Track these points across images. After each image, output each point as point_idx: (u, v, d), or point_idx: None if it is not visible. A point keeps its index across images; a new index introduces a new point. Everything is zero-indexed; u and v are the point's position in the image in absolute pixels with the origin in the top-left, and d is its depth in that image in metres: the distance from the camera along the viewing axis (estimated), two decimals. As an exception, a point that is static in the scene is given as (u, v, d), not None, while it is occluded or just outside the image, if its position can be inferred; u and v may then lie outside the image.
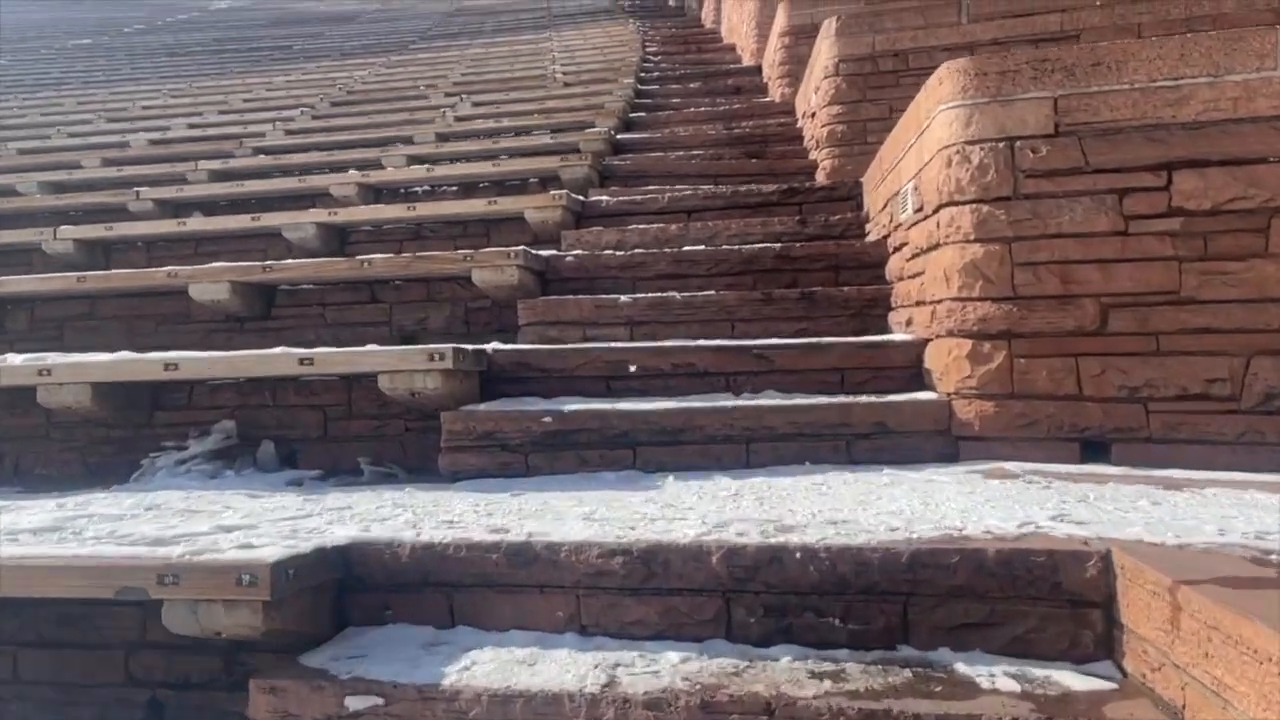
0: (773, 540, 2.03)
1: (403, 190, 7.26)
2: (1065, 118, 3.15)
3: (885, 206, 4.58)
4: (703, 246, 4.75)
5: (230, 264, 4.83)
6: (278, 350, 3.32)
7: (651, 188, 6.69)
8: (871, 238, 4.93)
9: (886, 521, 2.21)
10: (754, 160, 7.45)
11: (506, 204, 5.65)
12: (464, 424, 3.17)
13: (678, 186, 6.70)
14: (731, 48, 15.41)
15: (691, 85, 11.68)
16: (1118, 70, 3.11)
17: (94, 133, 12.17)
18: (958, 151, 3.28)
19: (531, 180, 7.13)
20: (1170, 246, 3.05)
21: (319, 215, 5.87)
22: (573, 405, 3.27)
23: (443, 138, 9.20)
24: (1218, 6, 5.89)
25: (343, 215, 5.86)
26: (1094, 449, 3.14)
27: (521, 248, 4.38)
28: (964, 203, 3.27)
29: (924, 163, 3.64)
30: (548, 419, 3.19)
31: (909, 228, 3.96)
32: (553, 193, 5.60)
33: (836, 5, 9.85)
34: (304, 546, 2.07)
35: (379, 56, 18.95)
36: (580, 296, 4.37)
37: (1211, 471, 2.92)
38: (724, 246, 4.99)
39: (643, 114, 9.80)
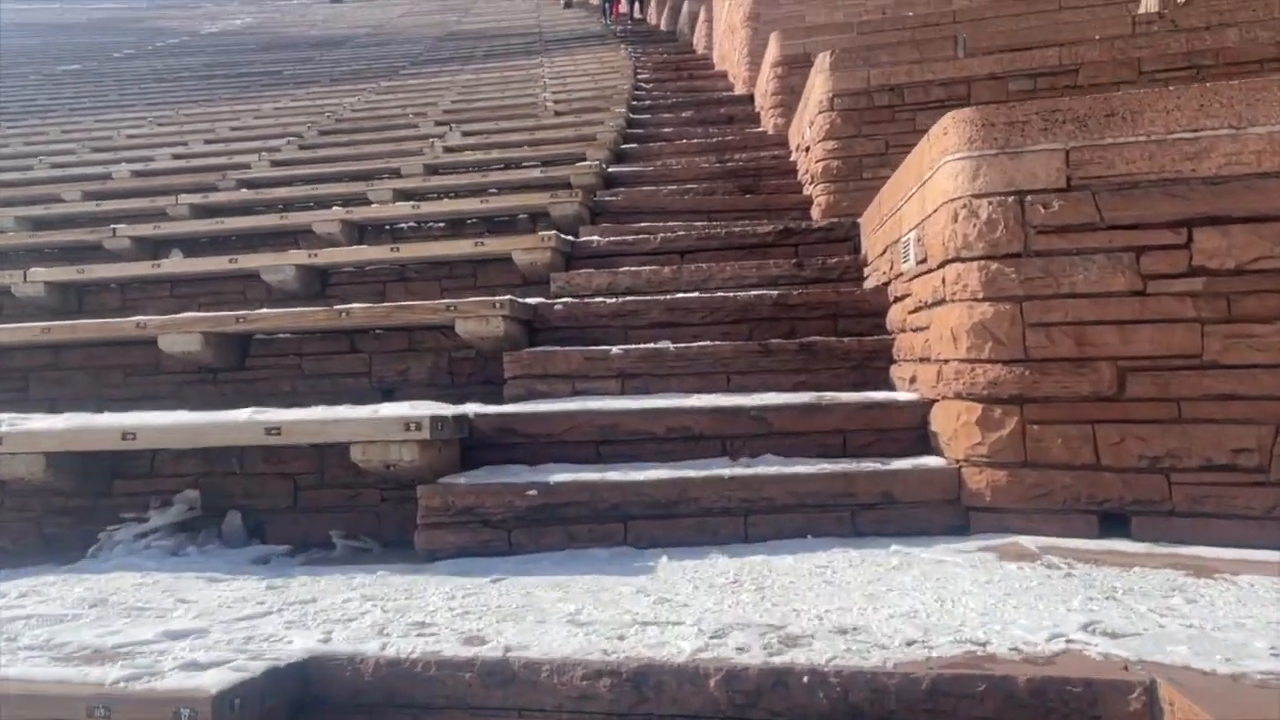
0: (777, 660, 1.83)
1: (388, 227, 7.07)
2: (1078, 171, 2.98)
3: (885, 252, 4.41)
4: (696, 294, 4.56)
5: (202, 314, 4.62)
6: (244, 416, 3.12)
7: (644, 224, 6.52)
8: (871, 283, 4.75)
9: (901, 631, 2.01)
10: (748, 195, 7.29)
11: (494, 245, 5.46)
12: (442, 499, 2.96)
13: (670, 223, 6.53)
14: (724, 75, 15.32)
15: (684, 114, 11.56)
16: (1133, 121, 2.95)
17: (77, 163, 11.98)
18: (964, 205, 3.10)
19: (521, 216, 6.95)
20: (1192, 308, 2.87)
21: (299, 257, 5.67)
22: (559, 476, 3.07)
23: (431, 170, 9.03)
24: (1219, 41, 5.76)
25: (323, 257, 5.66)
26: (1113, 521, 2.95)
27: (508, 298, 4.19)
28: (971, 259, 3.09)
29: (927, 214, 3.47)
30: (532, 492, 2.99)
31: (911, 279, 3.78)
32: (541, 234, 5.42)
33: (829, 36, 9.75)
34: (255, 667, 1.86)
35: (370, 82, 18.84)
36: (569, 349, 4.18)
37: (1241, 549, 2.73)
38: (718, 293, 4.81)
39: (634, 145, 9.65)
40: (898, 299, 4.11)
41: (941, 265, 3.29)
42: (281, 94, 18.11)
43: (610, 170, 8.15)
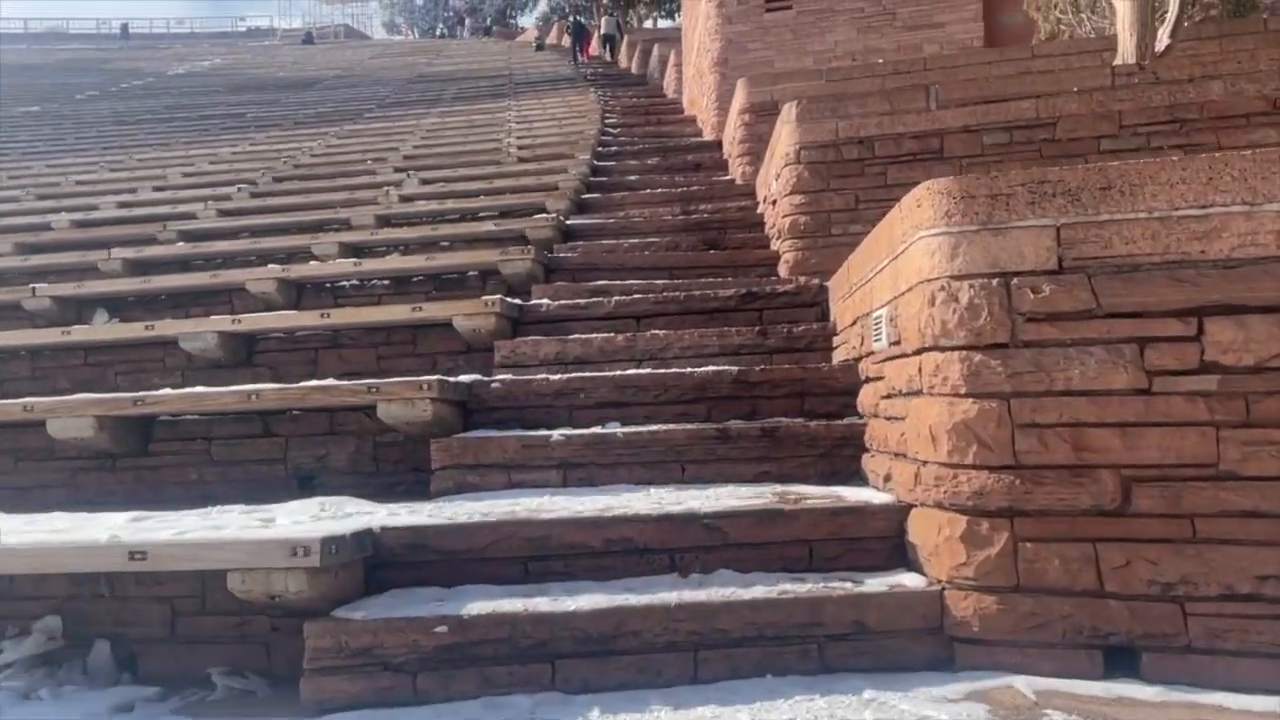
0: None
1: (329, 285, 6.62)
2: (1071, 251, 2.61)
3: (855, 324, 4.02)
4: (649, 369, 4.14)
5: (95, 395, 4.15)
6: (104, 537, 2.65)
7: (601, 282, 6.12)
8: (840, 356, 4.36)
9: None
10: (712, 251, 6.93)
11: (434, 310, 5.03)
12: (333, 638, 2.49)
13: (629, 281, 6.14)
14: (692, 120, 15.10)
15: (650, 161, 11.26)
16: (1132, 195, 2.58)
17: (17, 212, 11.44)
18: (942, 288, 2.71)
19: (471, 273, 6.53)
20: (1205, 409, 2.49)
21: (221, 323, 5.21)
22: (476, 606, 2.61)
23: (383, 220, 8.61)
24: (1203, 94, 5.50)
25: (248, 323, 5.20)
26: (1120, 658, 2.53)
27: (436, 378, 3.75)
28: (952, 348, 2.70)
29: (900, 291, 3.09)
30: (442, 628, 2.52)
31: (884, 360, 3.39)
32: (485, 299, 4.99)
33: (797, 83, 9.50)
34: None
35: (333, 125, 18.48)
36: (505, 435, 3.73)
37: (1271, 696, 2.32)
38: (674, 366, 4.40)
39: (597, 194, 9.30)
40: (869, 379, 3.72)
41: (918, 352, 2.89)
42: (241, 138, 17.70)
43: (569, 222, 7.77)
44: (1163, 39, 7.10)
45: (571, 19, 33.48)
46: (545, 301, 5.26)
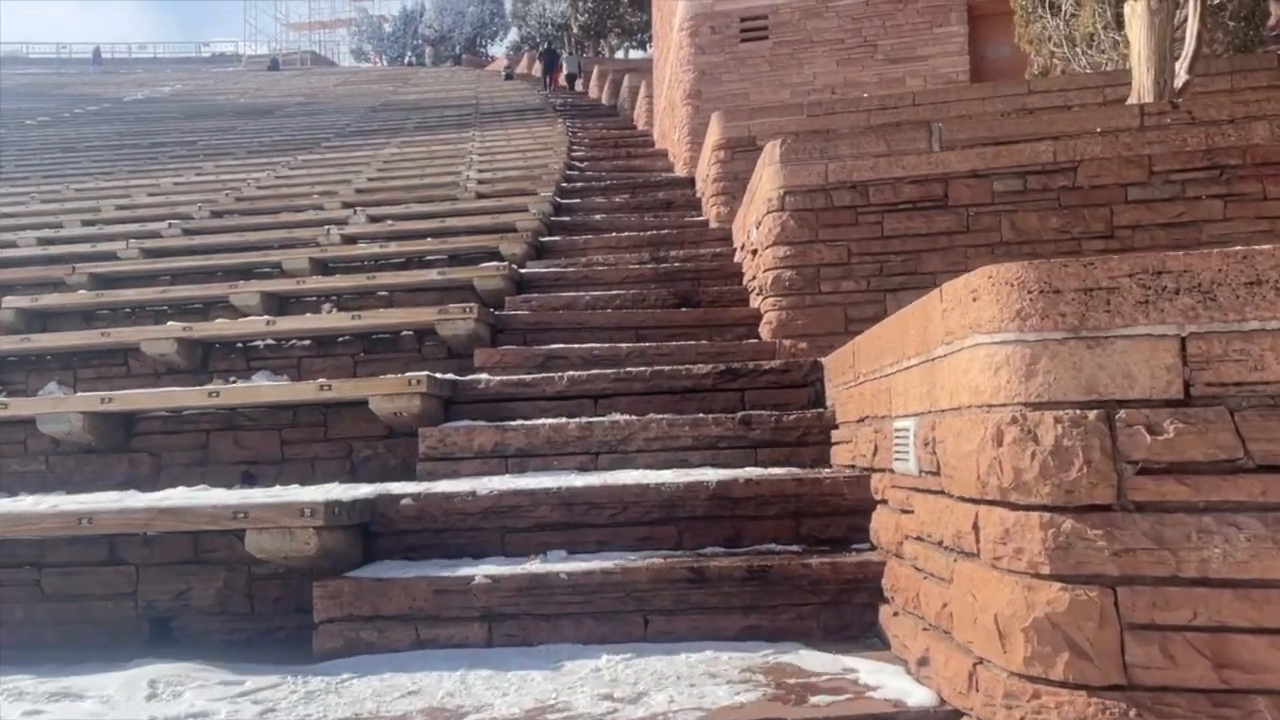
0: None
1: (240, 345, 5.71)
2: (1203, 372, 1.80)
3: (864, 422, 3.20)
4: (604, 480, 3.27)
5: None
6: None
7: (556, 346, 5.28)
8: (841, 457, 3.52)
9: None
10: (684, 308, 6.11)
11: (346, 389, 4.14)
12: None
13: (589, 344, 5.31)
14: (664, 154, 14.38)
15: (618, 198, 10.47)
16: (1293, 294, 1.78)
17: (-84, 249, 10.40)
18: (1013, 420, 1.89)
19: (405, 333, 5.65)
20: None
21: (88, 401, 4.28)
22: None
23: (317, 266, 7.72)
24: (1246, 137, 4.79)
25: (119, 402, 4.28)
26: None
27: (323, 500, 2.87)
28: (1028, 508, 1.87)
29: (940, 408, 2.26)
30: None
31: (912, 490, 2.55)
32: (410, 376, 4.11)
33: (776, 118, 8.77)
34: None
35: (287, 155, 17.58)
36: (413, 575, 2.85)
37: None
38: (636, 469, 3.55)
39: (559, 236, 8.48)
40: (886, 501, 2.88)
41: (973, 502, 2.06)
42: (188, 167, 16.75)
43: (525, 271, 6.92)
44: (1180, 74, 6.44)
45: (544, 46, 32.91)
46: (485, 377, 4.38)
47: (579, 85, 28.60)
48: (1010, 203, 5.13)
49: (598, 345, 5.31)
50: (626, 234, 8.20)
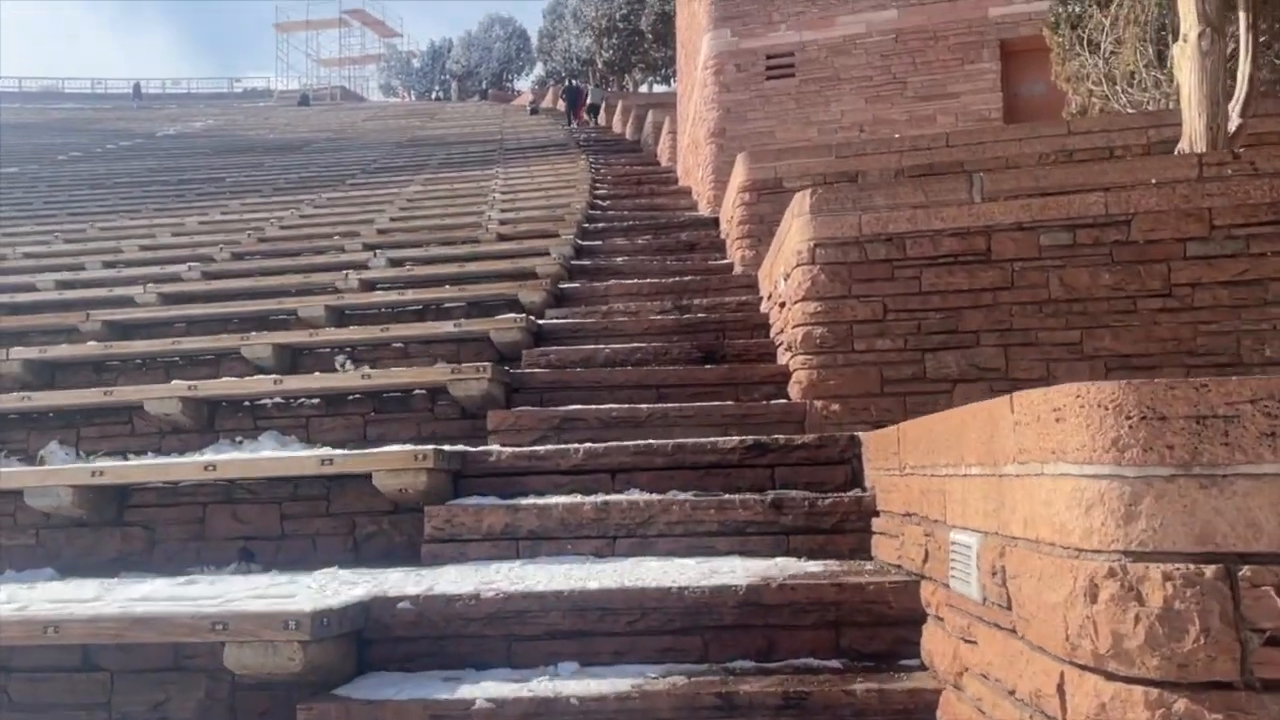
0: None
1: (248, 403, 5.49)
2: (1346, 523, 1.47)
3: (913, 518, 2.87)
4: (623, 581, 2.96)
5: None
6: None
7: (573, 407, 5.00)
8: (885, 553, 3.19)
9: None
10: (708, 364, 5.81)
11: (348, 464, 3.88)
12: None
13: (608, 405, 5.03)
14: (687, 191, 14.17)
15: (640, 239, 10.24)
16: None
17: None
18: (1112, 573, 1.57)
19: (417, 392, 5.40)
20: None
21: (78, 474, 4.04)
22: None
23: (333, 315, 7.53)
24: (1316, 188, 4.44)
25: (111, 475, 4.03)
26: None
27: (310, 610, 2.58)
28: (1130, 680, 1.55)
29: (1009, 533, 1.95)
30: None
31: (976, 619, 2.23)
32: (416, 451, 3.83)
33: (804, 159, 8.51)
34: None
35: (312, 193, 17.58)
36: (406, 699, 2.54)
37: None
38: (656, 564, 3.24)
39: (579, 283, 8.23)
40: (940, 618, 2.55)
41: (1060, 661, 1.74)
42: (215, 205, 16.77)
43: (543, 322, 6.66)
44: (1233, 118, 6.10)
45: (567, 83, 33.05)
46: (496, 449, 4.10)
47: (601, 119, 28.61)
48: (1058, 258, 4.81)
49: (617, 406, 5.03)
50: (649, 280, 7.94)
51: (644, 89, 37.78)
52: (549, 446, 4.00)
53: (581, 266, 8.90)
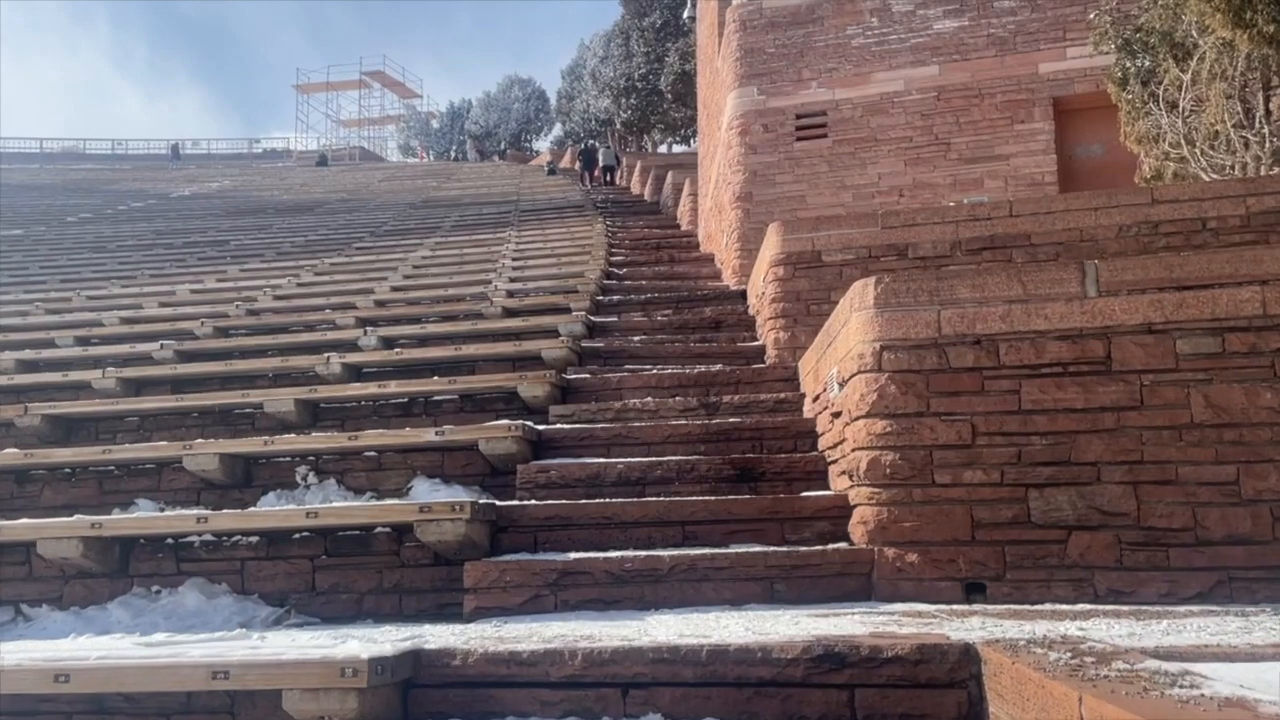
0: None
1: (170, 540, 4.41)
2: None
3: None
4: None
5: None
6: None
7: (573, 557, 3.91)
8: None
9: None
10: (744, 485, 4.73)
11: (248, 677, 2.76)
12: None
13: (624, 553, 3.95)
14: (710, 259, 13.19)
15: (659, 316, 9.21)
16: None
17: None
18: None
19: (380, 530, 4.31)
20: None
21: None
22: None
23: (304, 410, 6.50)
24: None
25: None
26: None
27: None
28: None
29: None
30: None
31: None
32: (344, 662, 2.69)
33: (847, 230, 7.47)
34: None
35: (316, 258, 16.78)
36: None
37: None
38: None
39: (589, 370, 7.18)
40: None
41: None
42: (213, 271, 15.97)
43: (545, 428, 5.59)
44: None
45: (585, 144, 32.53)
46: (460, 647, 2.95)
47: (619, 179, 27.94)
48: (1202, 369, 3.71)
49: (631, 554, 3.93)
50: (669, 370, 6.87)
51: (663, 149, 37.24)
52: (535, 647, 2.87)
53: (594, 349, 7.87)
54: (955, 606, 3.66)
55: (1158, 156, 8.37)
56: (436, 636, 3.10)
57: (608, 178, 27.76)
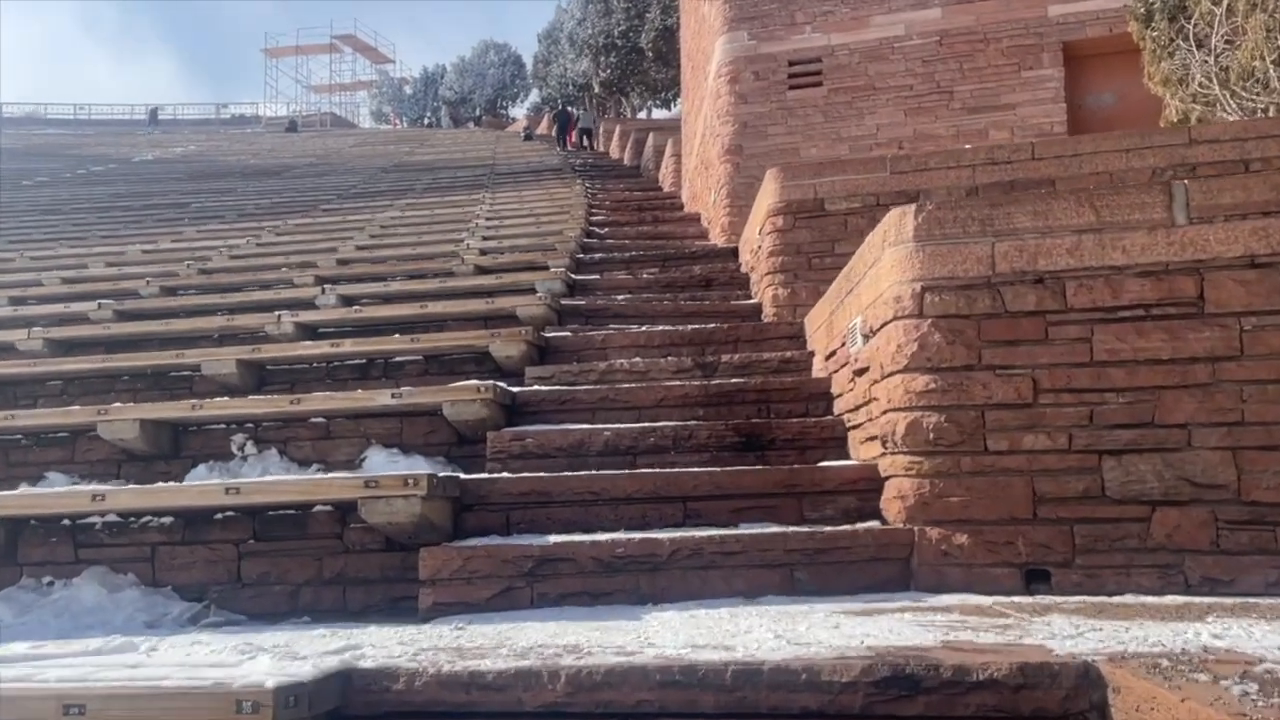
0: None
1: (70, 521, 3.67)
2: None
3: None
4: None
5: None
6: None
7: (552, 540, 3.22)
8: None
9: None
10: (752, 455, 4.05)
11: (115, 713, 2.05)
12: None
13: (609, 535, 3.26)
14: (695, 218, 12.44)
15: (645, 274, 8.47)
16: None
17: None
18: None
19: (319, 508, 3.59)
20: None
21: None
22: None
23: (248, 371, 5.74)
24: None
25: None
26: None
27: None
28: None
29: None
30: None
31: None
32: (240, 694, 2.02)
33: (850, 175, 6.77)
34: None
35: (279, 219, 15.84)
36: None
37: None
38: None
39: (570, 330, 6.46)
40: None
41: None
42: (167, 232, 15.03)
43: (520, 390, 4.88)
44: None
45: (559, 107, 31.55)
46: (404, 666, 2.26)
47: (600, 144, 27.06)
48: (1324, 311, 3.05)
49: (623, 537, 3.25)
50: (660, 327, 6.16)
51: (642, 114, 36.23)
52: (504, 665, 2.17)
53: (574, 307, 7.14)
54: (1018, 599, 3.01)
55: (1184, 99, 7.71)
56: (378, 648, 2.39)
57: (584, 142, 26.89)
